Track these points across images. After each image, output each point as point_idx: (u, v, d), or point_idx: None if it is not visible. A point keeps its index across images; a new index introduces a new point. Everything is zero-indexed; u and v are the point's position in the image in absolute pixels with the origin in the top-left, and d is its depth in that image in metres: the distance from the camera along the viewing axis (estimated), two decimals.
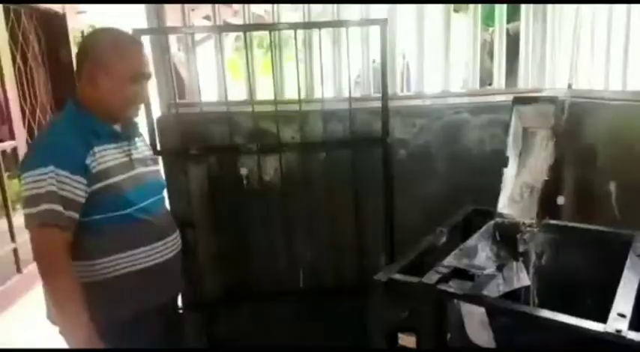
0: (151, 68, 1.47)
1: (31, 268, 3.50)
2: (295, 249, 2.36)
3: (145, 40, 2.19)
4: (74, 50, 4.17)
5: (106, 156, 1.36)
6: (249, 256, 2.38)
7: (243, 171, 2.32)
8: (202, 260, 2.26)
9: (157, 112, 2.27)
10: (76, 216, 1.29)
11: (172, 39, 2.66)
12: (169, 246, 1.49)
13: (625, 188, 1.97)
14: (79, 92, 1.41)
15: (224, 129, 2.26)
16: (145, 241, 1.40)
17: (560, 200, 2.30)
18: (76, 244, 1.31)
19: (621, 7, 2.02)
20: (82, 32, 4.40)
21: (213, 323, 2.41)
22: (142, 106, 1.53)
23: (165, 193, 1.61)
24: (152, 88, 2.24)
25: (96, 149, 1.33)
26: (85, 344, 1.27)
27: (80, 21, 4.33)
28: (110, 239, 1.35)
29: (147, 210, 1.43)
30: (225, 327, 2.44)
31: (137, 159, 1.46)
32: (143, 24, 2.31)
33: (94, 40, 1.43)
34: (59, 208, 1.25)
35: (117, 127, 1.44)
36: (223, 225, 2.33)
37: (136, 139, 1.53)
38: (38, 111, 3.94)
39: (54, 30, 4.02)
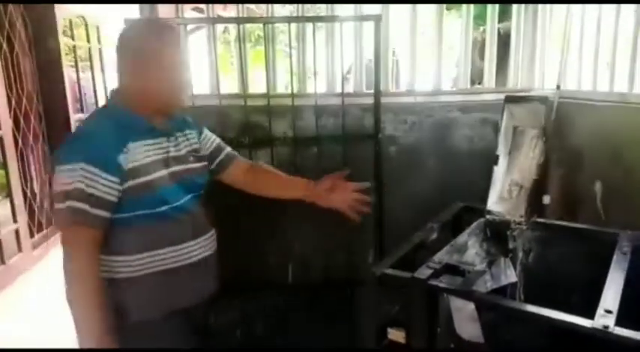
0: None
1: (16, 259, 3.46)
2: (285, 244, 2.37)
3: None
4: (62, 39, 4.10)
5: (140, 152, 1.32)
6: (238, 251, 2.37)
7: None
8: None
9: None
10: (106, 214, 1.26)
11: None
12: (203, 246, 1.46)
13: (610, 188, 2.02)
14: (119, 87, 1.39)
15: (215, 122, 2.25)
16: (177, 240, 1.38)
17: (546, 199, 2.34)
18: (109, 240, 1.30)
19: (610, 10, 2.05)
20: (71, 21, 4.32)
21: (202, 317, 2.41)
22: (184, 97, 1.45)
23: (200, 192, 1.53)
24: None
25: (130, 146, 1.29)
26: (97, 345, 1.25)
27: (69, 10, 4.25)
28: (142, 237, 1.33)
29: (181, 209, 1.39)
30: (213, 322, 2.43)
31: (175, 156, 1.42)
32: (134, 13, 2.29)
33: (131, 32, 1.39)
34: (85, 206, 1.22)
35: (155, 123, 1.39)
36: (214, 219, 2.32)
37: (179, 134, 1.48)
38: (25, 100, 3.87)
39: (42, 18, 3.94)
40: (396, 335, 1.53)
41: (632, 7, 1.92)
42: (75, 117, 4.45)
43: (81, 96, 4.62)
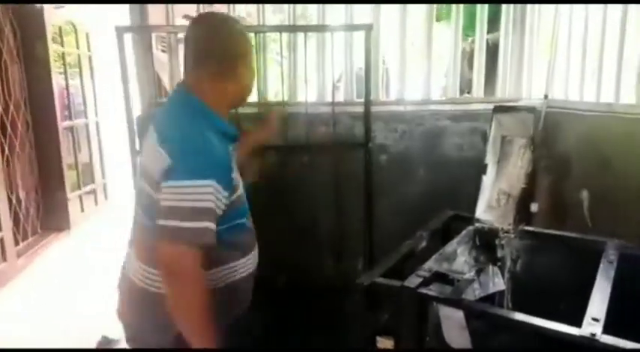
0: None
1: (1, 268, 3.40)
2: (274, 251, 2.35)
3: (128, 37, 2.18)
4: (51, 46, 4.08)
5: (232, 160, 1.27)
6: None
7: None
8: None
9: (137, 111, 2.25)
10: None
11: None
12: (254, 258, 1.44)
13: (597, 197, 2.04)
14: (202, 88, 1.27)
15: None
16: (247, 250, 1.38)
17: (534, 207, 2.36)
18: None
19: (597, 20, 2.09)
20: (60, 28, 4.30)
21: None
22: None
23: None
24: (133, 87, 2.23)
25: (230, 153, 1.26)
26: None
27: (58, 16, 4.24)
28: (230, 247, 1.30)
29: (249, 219, 1.40)
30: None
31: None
32: (124, 21, 2.29)
33: (217, 31, 1.30)
34: (212, 226, 1.14)
35: (234, 127, 1.33)
36: None
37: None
38: (12, 107, 3.83)
39: (30, 24, 3.92)
40: (385, 343, 1.53)
41: (617, 19, 1.96)
42: (63, 125, 4.42)
43: (69, 104, 4.59)
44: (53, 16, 4.11)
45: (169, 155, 1.15)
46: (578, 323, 1.11)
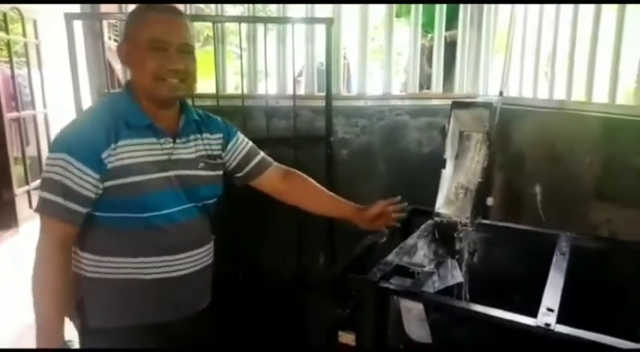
0: (190, 40, 1.24)
1: None
2: (234, 247, 2.32)
3: (78, 25, 2.08)
4: None
5: (130, 151, 1.20)
6: None
7: None
8: None
9: (87, 102, 2.15)
10: (81, 209, 1.18)
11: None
12: (189, 262, 1.31)
13: (549, 191, 2.11)
14: (130, 78, 1.31)
15: None
16: (158, 251, 1.26)
17: (489, 201, 2.43)
18: (87, 236, 1.24)
19: (550, 19, 2.15)
20: (5, 15, 4.07)
21: None
22: (185, 86, 1.25)
23: (209, 201, 1.39)
24: (83, 75, 2.13)
25: (120, 142, 1.19)
26: (43, 342, 1.20)
27: (3, 2, 4.00)
28: (117, 240, 1.23)
29: (170, 218, 1.26)
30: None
31: (180, 160, 1.28)
32: (74, 8, 2.18)
33: (130, 16, 1.27)
34: (59, 200, 1.15)
35: (162, 121, 1.26)
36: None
37: (194, 136, 1.34)
38: None
39: None
40: (347, 338, 1.52)
41: (570, 18, 2.02)
42: (9, 116, 4.19)
43: (16, 94, 4.36)
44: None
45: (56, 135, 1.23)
46: (533, 314, 1.14)
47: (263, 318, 2.34)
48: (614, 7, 1.81)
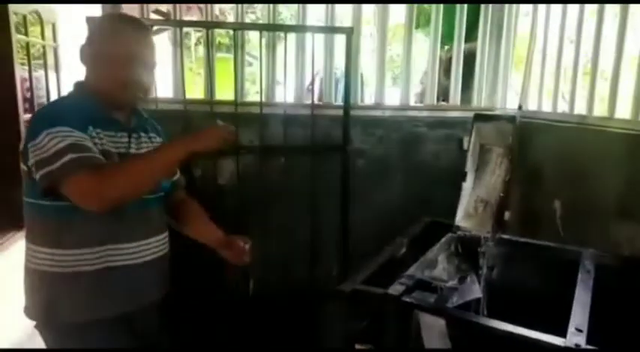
0: (156, 58, 1.36)
1: None
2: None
3: None
4: (14, 36, 3.89)
5: (100, 139, 1.25)
6: (198, 262, 2.28)
7: (197, 172, 2.24)
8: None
9: None
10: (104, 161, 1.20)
11: None
12: (150, 248, 1.36)
13: (568, 206, 2.08)
14: (85, 78, 1.35)
15: (179, 128, 2.17)
16: (120, 238, 1.29)
17: (507, 215, 2.39)
18: (45, 230, 1.24)
19: (572, 32, 2.14)
20: (25, 17, 4.11)
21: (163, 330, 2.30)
22: (144, 96, 1.39)
23: (160, 194, 1.43)
24: None
25: (92, 130, 1.23)
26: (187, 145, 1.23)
27: (22, 4, 4.04)
28: (82, 230, 1.24)
29: (129, 207, 1.28)
30: (172, 335, 2.33)
31: (136, 154, 1.34)
32: (94, 11, 2.19)
33: (95, 23, 1.39)
34: (85, 154, 1.16)
35: (117, 117, 1.34)
36: (172, 229, 2.23)
37: (143, 134, 1.41)
38: None
39: None
40: (364, 350, 1.50)
41: (592, 32, 2.00)
42: (24, 117, 4.22)
43: (32, 96, 4.39)
44: (17, 4, 3.92)
45: (30, 126, 1.25)
46: (554, 332, 1.12)
47: (276, 330, 2.31)
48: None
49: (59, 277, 1.25)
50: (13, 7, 3.82)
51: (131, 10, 2.39)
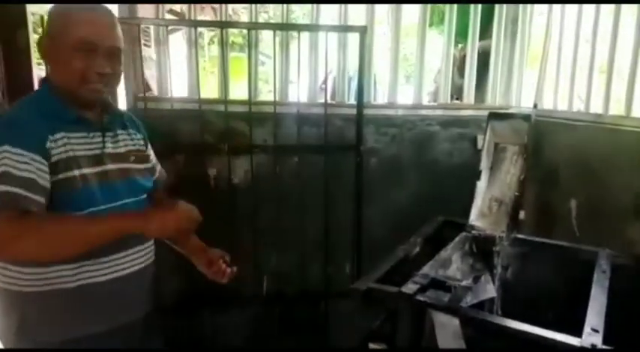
0: (119, 43, 1.22)
1: None
2: (261, 253, 2.32)
3: None
4: (32, 36, 3.94)
5: (67, 144, 1.15)
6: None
7: (212, 171, 2.26)
8: (163, 263, 2.17)
9: (122, 105, 2.18)
10: (41, 199, 1.07)
11: None
12: (136, 258, 1.27)
13: (584, 206, 2.06)
14: (49, 74, 1.25)
15: (194, 126, 2.20)
16: (103, 251, 1.18)
17: (522, 215, 2.37)
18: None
19: (588, 30, 2.11)
20: (42, 17, 4.17)
21: (173, 330, 2.32)
22: (110, 88, 1.26)
23: (143, 196, 1.35)
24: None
25: (57, 135, 1.13)
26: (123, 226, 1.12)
27: (40, 5, 4.10)
28: None
29: (113, 212, 1.20)
30: (185, 334, 2.35)
31: (112, 154, 1.26)
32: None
33: (49, 12, 1.23)
34: (19, 190, 1.04)
35: (87, 116, 1.23)
36: None
37: (121, 131, 1.32)
38: None
39: (10, 12, 3.78)
40: (377, 349, 1.50)
41: (609, 30, 1.98)
42: None
43: None
44: (34, 4, 3.97)
45: None
46: (570, 332, 1.11)
47: (288, 328, 2.33)
48: None
49: (31, 297, 1.15)
50: (30, 8, 3.87)
51: (146, 10, 2.42)
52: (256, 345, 2.35)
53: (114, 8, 2.20)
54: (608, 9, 2.06)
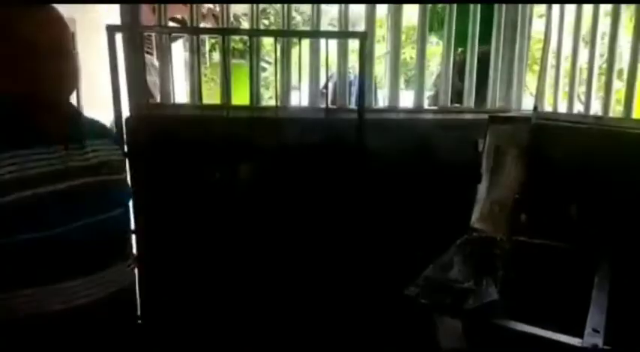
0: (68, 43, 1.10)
1: None
2: (259, 258, 2.32)
3: (118, 37, 2.13)
4: None
5: (16, 164, 1.02)
6: (217, 264, 2.31)
7: (215, 177, 2.27)
8: (166, 267, 2.19)
9: (125, 113, 2.20)
10: None
11: None
12: (107, 281, 1.13)
13: (585, 208, 2.07)
14: None
15: (197, 133, 2.21)
16: (64, 275, 1.06)
17: (522, 217, 2.38)
18: None
19: (587, 34, 2.13)
20: None
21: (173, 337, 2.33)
22: (62, 91, 1.11)
23: (118, 211, 1.22)
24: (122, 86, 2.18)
25: (2, 155, 1.01)
26: None
27: None
28: (9, 270, 1.02)
29: (75, 234, 1.07)
30: (185, 342, 2.36)
31: (79, 167, 1.12)
32: (116, 20, 2.24)
33: None
34: None
35: (49, 128, 1.10)
36: (192, 232, 2.27)
37: (90, 141, 1.18)
38: None
39: None
40: None
41: (607, 32, 2.00)
42: None
43: None
44: None
45: None
46: (571, 333, 1.12)
47: (288, 332, 2.33)
48: None
49: None
50: None
51: (147, 17, 2.45)
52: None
53: (117, 15, 2.25)
54: (606, 10, 2.07)
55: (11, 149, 1.02)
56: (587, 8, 2.13)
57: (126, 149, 2.11)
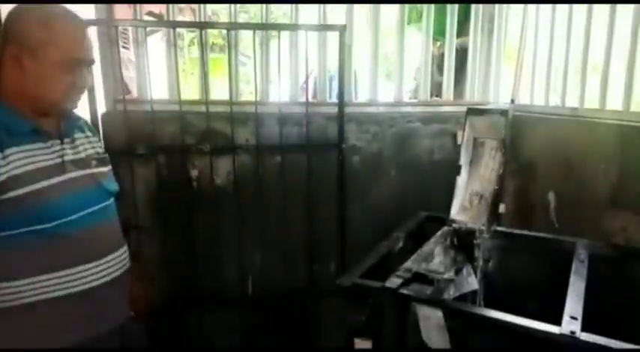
0: (94, 53, 1.21)
1: None
2: (245, 253, 2.32)
3: (92, 31, 2.09)
4: None
5: (21, 159, 1.09)
6: (197, 261, 2.30)
7: (194, 172, 2.25)
8: (148, 264, 2.16)
9: (101, 108, 2.16)
10: None
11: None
12: (105, 268, 1.21)
13: (563, 198, 2.11)
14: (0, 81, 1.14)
15: (175, 128, 2.19)
16: (69, 262, 1.14)
17: (502, 208, 2.42)
18: None
19: (563, 26, 2.16)
20: None
21: (159, 331, 2.31)
22: (82, 98, 1.23)
23: (111, 200, 1.30)
24: (97, 81, 2.14)
25: (7, 151, 1.08)
26: None
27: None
28: (24, 259, 1.10)
29: (76, 224, 1.15)
30: (171, 335, 2.34)
31: (73, 160, 1.20)
32: (88, 14, 2.19)
33: (19, 16, 1.13)
34: None
35: (43, 124, 1.17)
36: (171, 229, 2.25)
37: (79, 135, 1.27)
38: None
39: None
40: (363, 344, 1.52)
41: (582, 24, 2.02)
42: None
43: None
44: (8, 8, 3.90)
45: None
46: (550, 321, 1.14)
47: (275, 327, 2.33)
48: (630, 10, 1.81)
49: None
50: (4, 10, 3.80)
51: (124, 11, 2.40)
52: (242, 346, 2.35)
53: (91, 9, 2.20)
54: (581, 6, 2.10)
55: (19, 145, 1.10)
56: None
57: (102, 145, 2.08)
